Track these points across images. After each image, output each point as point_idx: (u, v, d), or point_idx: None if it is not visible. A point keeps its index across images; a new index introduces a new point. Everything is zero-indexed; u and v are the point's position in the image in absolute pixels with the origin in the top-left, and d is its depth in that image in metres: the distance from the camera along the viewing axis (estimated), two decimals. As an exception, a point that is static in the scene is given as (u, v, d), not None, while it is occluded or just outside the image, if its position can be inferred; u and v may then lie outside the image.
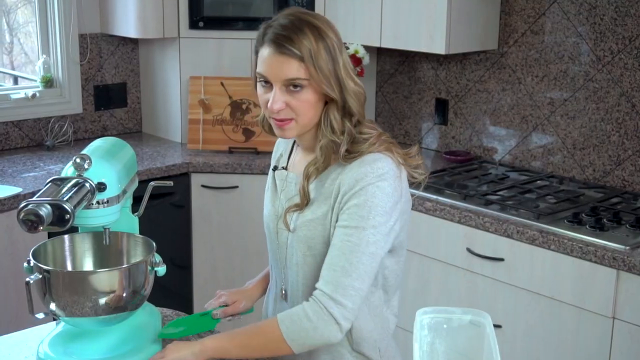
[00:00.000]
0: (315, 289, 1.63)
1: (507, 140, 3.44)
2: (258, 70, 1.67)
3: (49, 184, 1.63)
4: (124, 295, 1.63)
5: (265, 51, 1.65)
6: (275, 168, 1.86)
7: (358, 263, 1.60)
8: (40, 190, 1.60)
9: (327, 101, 1.67)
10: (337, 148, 1.66)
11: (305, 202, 1.69)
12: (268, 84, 1.66)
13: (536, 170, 3.32)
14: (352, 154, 1.66)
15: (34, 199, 1.53)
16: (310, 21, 1.65)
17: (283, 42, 1.62)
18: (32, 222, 1.50)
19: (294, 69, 1.62)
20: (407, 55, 3.73)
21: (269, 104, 1.65)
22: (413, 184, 1.74)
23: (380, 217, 1.62)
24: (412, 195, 1.79)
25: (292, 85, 1.63)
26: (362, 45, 3.45)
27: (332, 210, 1.66)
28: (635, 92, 2.99)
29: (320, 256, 1.68)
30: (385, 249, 1.66)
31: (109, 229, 1.75)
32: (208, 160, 3.52)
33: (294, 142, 1.85)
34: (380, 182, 1.62)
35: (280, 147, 1.91)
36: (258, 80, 1.69)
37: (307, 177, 1.69)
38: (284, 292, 1.81)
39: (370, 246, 1.61)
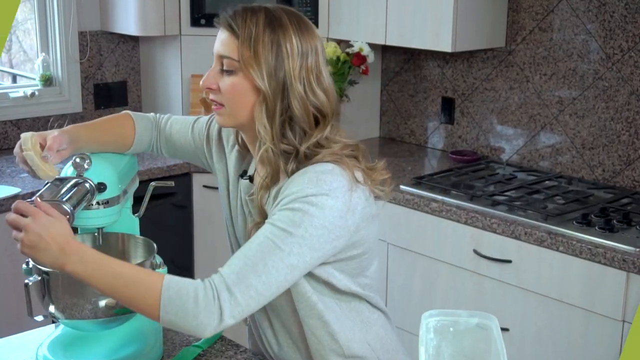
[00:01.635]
0: (217, 271, 1.50)
1: (515, 140, 3.43)
2: None
3: (48, 184, 1.63)
4: (125, 297, 1.63)
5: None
6: (244, 174, 1.75)
7: (272, 269, 1.48)
8: (39, 190, 1.60)
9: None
10: (279, 160, 1.58)
11: (264, 219, 1.58)
12: None
13: (544, 171, 3.32)
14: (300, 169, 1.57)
15: (33, 199, 1.53)
16: (271, 10, 1.60)
17: (230, 19, 1.59)
18: None
19: (229, 46, 1.59)
20: (413, 53, 3.72)
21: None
22: (377, 198, 1.68)
23: (314, 230, 1.51)
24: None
25: (224, 66, 1.59)
26: (367, 43, 3.45)
27: None
28: (646, 90, 2.99)
29: None
30: (311, 264, 1.54)
31: (102, 229, 1.75)
32: (210, 160, 3.52)
33: None
34: (325, 199, 1.51)
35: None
36: None
37: (260, 197, 1.62)
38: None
39: (292, 257, 1.49)
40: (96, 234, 1.76)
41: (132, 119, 1.90)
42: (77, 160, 1.65)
